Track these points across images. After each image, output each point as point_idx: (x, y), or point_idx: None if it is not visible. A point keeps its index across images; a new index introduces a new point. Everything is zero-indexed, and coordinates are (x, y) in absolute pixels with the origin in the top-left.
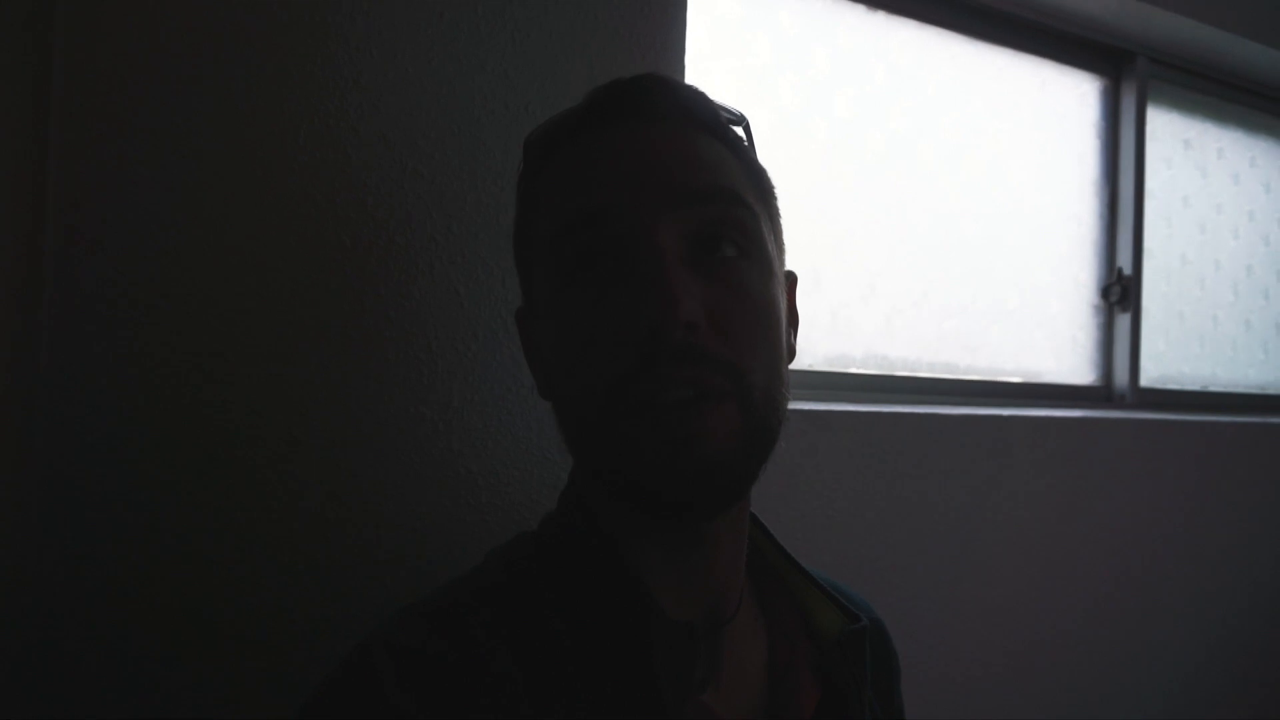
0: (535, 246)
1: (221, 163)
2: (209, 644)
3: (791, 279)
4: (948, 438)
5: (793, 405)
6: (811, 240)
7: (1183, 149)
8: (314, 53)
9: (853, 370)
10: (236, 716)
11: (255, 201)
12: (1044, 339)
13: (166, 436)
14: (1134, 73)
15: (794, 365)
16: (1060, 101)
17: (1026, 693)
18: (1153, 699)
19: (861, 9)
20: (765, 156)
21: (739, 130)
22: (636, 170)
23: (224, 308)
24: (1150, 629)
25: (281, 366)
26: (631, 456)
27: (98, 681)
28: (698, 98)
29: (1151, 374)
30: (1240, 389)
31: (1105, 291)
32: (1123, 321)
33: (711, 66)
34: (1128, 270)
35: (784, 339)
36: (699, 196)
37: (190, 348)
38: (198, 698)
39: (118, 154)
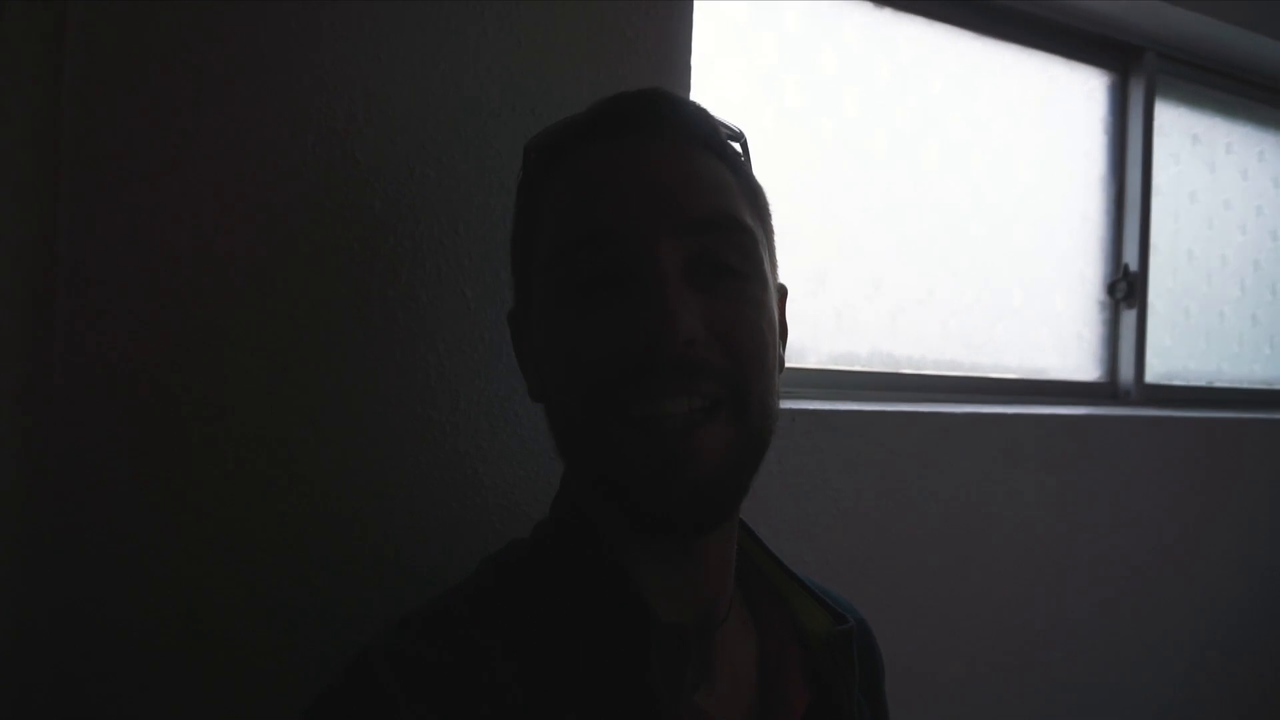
0: (535, 259)
1: (228, 167)
2: (211, 647)
3: (782, 292)
4: (952, 436)
5: (797, 404)
6: (817, 238)
7: (1190, 144)
8: (321, 57)
9: (857, 368)
10: (239, 718)
11: (262, 205)
12: (1049, 335)
13: (170, 440)
14: (1142, 68)
15: (799, 364)
16: (1068, 97)
17: (1030, 690)
18: (1156, 696)
19: (868, 6)
20: (771, 156)
21: (737, 146)
22: (639, 191)
23: (230, 310)
24: (1155, 626)
25: (287, 369)
26: (621, 465)
27: (99, 682)
28: (700, 114)
29: (1157, 370)
30: (1246, 384)
31: (1111, 288)
32: (1128, 318)
33: (717, 67)
34: (1134, 266)
35: (777, 352)
36: (702, 223)
37: (196, 351)
38: (201, 699)
39: (126, 160)
